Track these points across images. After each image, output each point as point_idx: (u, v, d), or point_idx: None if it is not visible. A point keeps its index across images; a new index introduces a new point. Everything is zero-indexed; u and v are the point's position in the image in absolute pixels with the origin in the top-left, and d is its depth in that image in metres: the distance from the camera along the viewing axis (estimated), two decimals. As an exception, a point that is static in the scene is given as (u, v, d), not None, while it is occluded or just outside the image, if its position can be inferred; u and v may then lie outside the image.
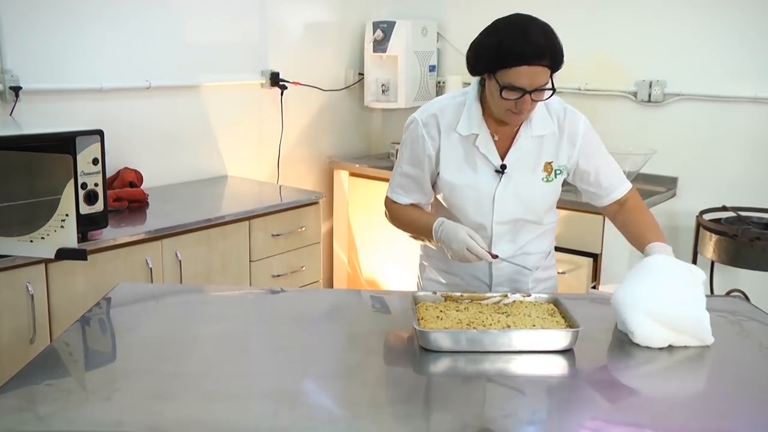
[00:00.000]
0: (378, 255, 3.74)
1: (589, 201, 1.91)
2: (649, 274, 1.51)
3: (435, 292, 1.70)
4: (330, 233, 3.95)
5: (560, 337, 1.51)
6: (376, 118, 4.19)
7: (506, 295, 1.72)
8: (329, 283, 3.93)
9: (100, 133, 2.28)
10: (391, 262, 3.68)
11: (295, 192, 3.19)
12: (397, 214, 1.87)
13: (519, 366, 1.48)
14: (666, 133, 3.33)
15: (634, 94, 3.39)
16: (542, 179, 1.80)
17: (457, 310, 1.64)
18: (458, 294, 1.69)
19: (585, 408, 1.31)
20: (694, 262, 3.07)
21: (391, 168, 3.54)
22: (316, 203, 3.09)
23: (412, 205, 1.87)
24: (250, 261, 2.87)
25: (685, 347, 1.50)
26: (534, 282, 1.94)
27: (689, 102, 3.28)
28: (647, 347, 1.50)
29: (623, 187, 1.88)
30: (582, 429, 1.23)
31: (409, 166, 1.83)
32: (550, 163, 1.81)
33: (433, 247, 1.89)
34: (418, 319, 1.56)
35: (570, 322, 1.58)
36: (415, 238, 1.88)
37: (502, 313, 1.64)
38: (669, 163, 3.31)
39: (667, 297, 1.46)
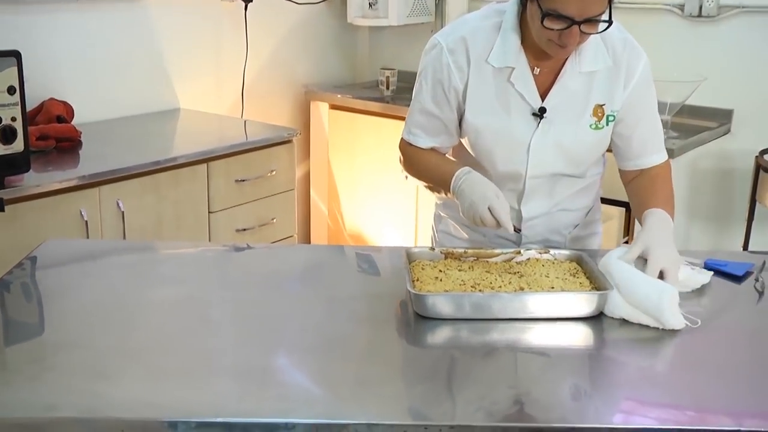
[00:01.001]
0: (365, 205, 3.77)
1: (613, 153, 1.92)
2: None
3: (433, 248, 1.72)
4: (306, 178, 3.98)
5: (584, 302, 1.53)
6: (362, 39, 4.19)
7: (519, 252, 1.75)
8: (305, 239, 3.96)
9: (16, 55, 2.26)
10: (381, 214, 3.70)
11: (263, 128, 3.21)
12: (414, 160, 1.86)
13: (534, 336, 1.50)
14: (719, 55, 3.32)
15: (681, 7, 3.38)
16: (590, 126, 1.79)
17: (459, 270, 1.66)
18: (461, 250, 1.71)
19: (617, 386, 1.36)
20: (752, 212, 3.09)
21: (380, 100, 3.64)
22: (288, 142, 3.11)
23: (432, 149, 1.86)
24: (209, 212, 2.90)
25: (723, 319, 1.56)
26: (573, 241, 1.96)
27: (749, 16, 3.25)
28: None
29: (656, 157, 1.87)
30: (617, 412, 1.27)
31: (430, 102, 1.81)
32: (601, 107, 1.79)
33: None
34: (413, 281, 1.58)
35: (596, 284, 1.60)
36: (433, 189, 1.89)
37: (514, 273, 1.67)
38: (722, 93, 3.30)
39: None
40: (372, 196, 3.73)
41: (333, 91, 3.81)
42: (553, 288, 1.60)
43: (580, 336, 1.53)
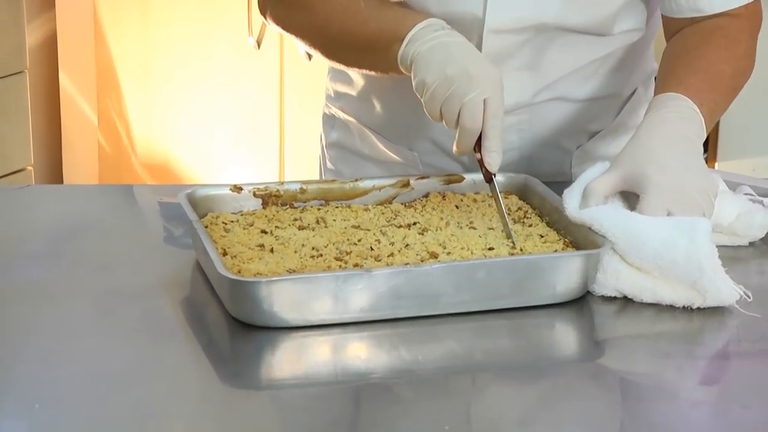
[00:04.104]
0: (179, 105, 3.23)
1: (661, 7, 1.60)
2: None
3: (238, 188, 1.39)
4: (51, 49, 3.37)
5: (556, 272, 1.23)
6: None
7: (407, 182, 1.39)
8: (54, 173, 3.47)
9: None
10: (211, 122, 3.22)
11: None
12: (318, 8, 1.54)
13: (468, 349, 1.20)
14: None
15: None
16: None
17: (300, 225, 1.32)
18: (296, 186, 1.39)
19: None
20: None
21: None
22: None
23: None
24: None
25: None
26: (583, 164, 1.58)
27: None
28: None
29: None
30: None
31: None
32: None
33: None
34: (221, 253, 1.24)
35: (567, 236, 1.30)
36: (341, 59, 1.58)
37: (408, 225, 1.33)
38: None
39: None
40: (193, 88, 3.20)
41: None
42: (490, 249, 1.25)
43: (553, 344, 1.24)
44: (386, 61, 1.42)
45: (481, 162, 1.34)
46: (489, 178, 1.36)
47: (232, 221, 1.31)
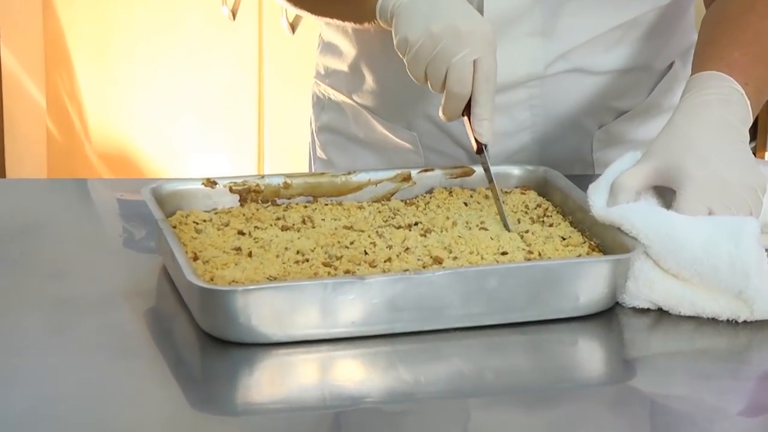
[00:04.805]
0: (137, 84, 3.26)
1: None
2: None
3: (211, 182, 1.40)
4: None
5: (584, 280, 1.22)
6: None
7: (408, 176, 1.41)
8: None
9: None
10: (178, 107, 3.24)
11: None
12: None
13: (477, 369, 1.19)
14: None
15: None
16: None
17: (283, 226, 1.33)
18: (279, 181, 1.41)
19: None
20: None
21: None
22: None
23: None
24: None
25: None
26: (605, 153, 1.62)
27: None
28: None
29: None
30: None
31: None
32: None
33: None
34: (192, 258, 1.24)
35: (594, 238, 1.31)
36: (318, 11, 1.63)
37: (409, 226, 1.33)
38: None
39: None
40: (158, 65, 3.21)
41: None
42: (504, 253, 1.25)
43: (576, 364, 1.23)
44: (363, 12, 1.46)
45: (470, 131, 1.36)
46: (479, 149, 1.38)
47: (204, 220, 1.32)
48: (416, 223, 1.30)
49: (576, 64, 1.55)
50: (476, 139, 1.37)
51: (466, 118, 1.37)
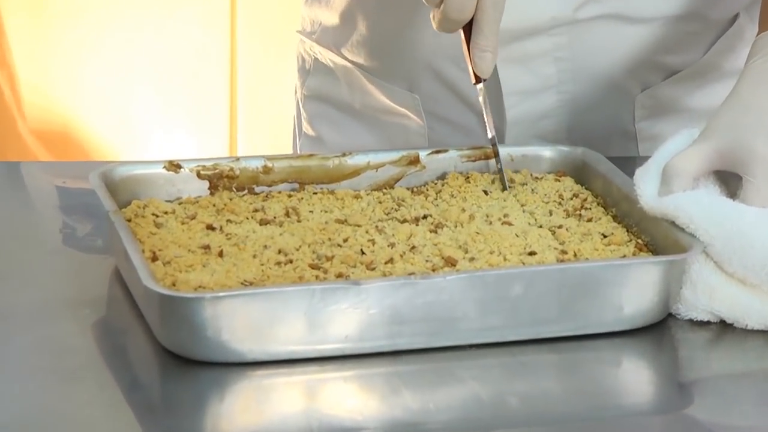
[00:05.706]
0: (82, 49, 3.35)
1: None
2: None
3: (175, 165, 1.41)
4: None
5: (632, 287, 1.22)
6: None
7: (416, 158, 1.42)
8: None
9: None
10: (124, 73, 3.33)
11: None
12: None
13: (498, 394, 1.19)
14: None
15: None
16: None
17: (262, 221, 1.34)
18: (258, 163, 1.42)
19: None
20: None
21: None
22: None
23: None
24: None
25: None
26: (671, 111, 1.64)
27: None
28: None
29: None
30: None
31: None
32: None
33: None
34: (150, 258, 1.24)
35: (644, 236, 1.30)
36: None
37: (417, 220, 1.34)
38: None
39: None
40: (108, 26, 3.31)
41: None
42: (532, 253, 1.25)
43: (620, 389, 1.23)
44: None
45: (469, 61, 1.39)
46: (477, 80, 1.42)
47: (165, 212, 1.31)
48: (425, 217, 1.30)
49: (612, 8, 1.56)
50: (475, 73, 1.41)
51: (465, 44, 1.40)
